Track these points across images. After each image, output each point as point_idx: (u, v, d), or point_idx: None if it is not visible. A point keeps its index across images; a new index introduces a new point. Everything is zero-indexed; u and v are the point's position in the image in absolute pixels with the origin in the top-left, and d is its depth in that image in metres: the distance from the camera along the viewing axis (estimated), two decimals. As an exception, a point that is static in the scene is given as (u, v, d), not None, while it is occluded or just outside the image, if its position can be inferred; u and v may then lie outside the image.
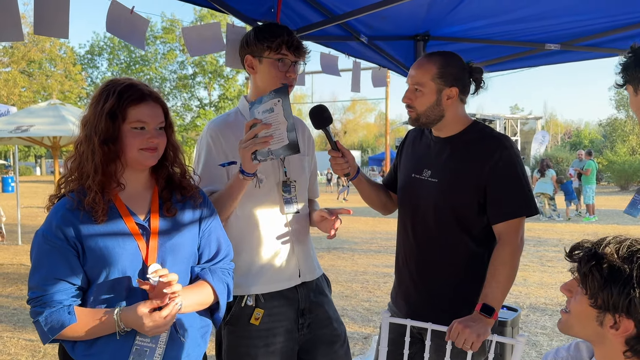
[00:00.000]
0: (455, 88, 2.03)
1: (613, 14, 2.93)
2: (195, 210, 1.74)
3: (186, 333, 1.65)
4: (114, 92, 1.56)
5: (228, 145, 2.03)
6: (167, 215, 1.66)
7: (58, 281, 1.52)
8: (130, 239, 1.58)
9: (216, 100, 40.15)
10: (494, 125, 22.55)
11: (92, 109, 1.58)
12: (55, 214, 1.57)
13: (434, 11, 2.99)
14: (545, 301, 6.11)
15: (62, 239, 1.53)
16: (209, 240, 1.76)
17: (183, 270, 1.68)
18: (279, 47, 2.01)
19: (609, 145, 35.20)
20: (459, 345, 1.86)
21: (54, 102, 9.58)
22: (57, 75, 37.15)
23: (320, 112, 2.06)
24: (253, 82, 2.11)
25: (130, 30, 2.27)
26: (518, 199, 1.99)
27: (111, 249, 1.55)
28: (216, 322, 1.79)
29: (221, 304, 1.74)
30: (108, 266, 1.54)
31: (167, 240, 1.64)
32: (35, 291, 1.53)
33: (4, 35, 1.79)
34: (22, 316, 5.53)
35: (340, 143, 2.10)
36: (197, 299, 1.66)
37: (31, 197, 21.54)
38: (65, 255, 1.53)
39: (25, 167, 45.68)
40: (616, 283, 1.14)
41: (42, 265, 1.53)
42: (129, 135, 1.58)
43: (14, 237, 10.35)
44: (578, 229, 12.14)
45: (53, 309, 1.51)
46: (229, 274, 1.79)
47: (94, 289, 1.56)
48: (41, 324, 1.50)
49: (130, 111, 1.57)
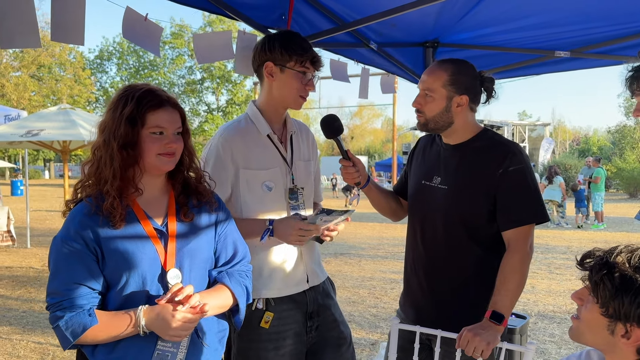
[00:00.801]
0: (465, 96, 2.04)
1: (623, 21, 2.93)
2: (211, 215, 1.75)
3: (205, 337, 1.66)
4: (133, 98, 1.58)
5: (237, 153, 2.04)
6: (184, 220, 1.67)
7: (78, 286, 1.52)
8: (149, 243, 1.59)
9: (224, 105, 40.34)
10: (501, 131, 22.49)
11: (110, 114, 1.59)
12: (73, 219, 1.57)
13: (444, 19, 3.00)
14: (553, 309, 6.08)
15: (81, 243, 1.53)
16: (225, 244, 1.77)
17: (200, 275, 1.69)
18: (305, 62, 2.05)
19: (617, 152, 35.01)
20: (469, 353, 1.86)
21: (64, 107, 9.66)
22: (66, 79, 37.50)
23: (331, 121, 2.08)
24: (267, 88, 2.11)
25: (145, 36, 2.30)
26: (528, 206, 1.99)
27: (131, 253, 1.56)
28: (237, 324, 1.79)
29: (241, 307, 1.74)
30: (128, 270, 1.55)
31: (185, 244, 1.65)
32: (54, 297, 1.53)
33: (22, 41, 1.82)
34: (31, 319, 5.57)
35: (350, 152, 2.12)
36: (216, 303, 1.66)
37: (40, 201, 21.69)
38: (85, 260, 1.53)
39: (34, 171, 45.98)
40: (628, 292, 1.14)
41: (61, 270, 1.53)
42: (147, 141, 1.59)
43: (23, 240, 10.42)
44: (586, 237, 12.07)
45: (73, 312, 1.50)
46: (247, 276, 1.80)
47: (113, 294, 1.57)
48: (62, 329, 1.50)
49: (149, 117, 1.58)
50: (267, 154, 2.09)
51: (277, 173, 2.09)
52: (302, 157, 2.21)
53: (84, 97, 38.74)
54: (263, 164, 2.07)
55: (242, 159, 2.04)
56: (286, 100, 2.10)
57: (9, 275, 7.75)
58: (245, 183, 2.05)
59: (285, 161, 2.13)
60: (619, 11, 2.82)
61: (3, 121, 9.57)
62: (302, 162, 2.20)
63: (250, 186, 2.05)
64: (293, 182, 2.13)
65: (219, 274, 1.73)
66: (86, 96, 39.12)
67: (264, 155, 2.09)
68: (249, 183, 2.05)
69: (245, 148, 2.06)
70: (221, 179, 2.02)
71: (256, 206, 2.06)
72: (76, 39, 1.95)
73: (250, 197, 2.06)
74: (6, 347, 4.74)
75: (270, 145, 2.11)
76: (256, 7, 2.67)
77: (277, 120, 2.16)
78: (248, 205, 2.06)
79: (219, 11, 2.58)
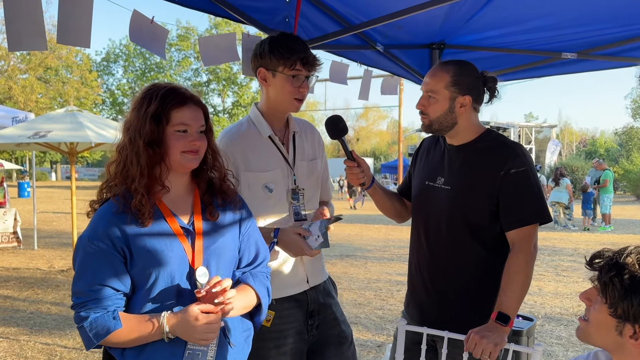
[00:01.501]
0: (468, 96, 2.04)
1: (630, 23, 2.92)
2: (235, 214, 1.75)
3: (232, 337, 1.66)
4: (157, 96, 1.59)
5: (238, 157, 2.06)
6: (209, 219, 1.68)
7: (103, 287, 1.52)
8: (177, 242, 1.59)
9: (230, 107, 40.44)
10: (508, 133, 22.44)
11: (134, 113, 1.60)
12: (101, 218, 1.57)
13: (451, 21, 3.00)
14: (560, 311, 6.06)
15: (108, 243, 1.53)
16: (249, 244, 1.77)
17: (227, 274, 1.68)
18: (294, 64, 2.03)
19: (624, 154, 34.83)
20: (477, 355, 1.86)
21: (71, 109, 9.70)
22: (73, 81, 37.68)
23: (336, 122, 2.09)
24: (265, 93, 2.13)
25: (151, 39, 2.32)
26: (531, 207, 1.99)
27: (160, 251, 1.55)
28: (257, 325, 1.79)
29: (263, 307, 1.75)
30: (157, 268, 1.54)
31: (212, 243, 1.65)
32: (79, 296, 1.53)
33: (29, 44, 1.84)
34: (38, 320, 5.59)
35: (355, 153, 2.12)
36: (242, 303, 1.67)
37: (47, 202, 21.80)
38: (111, 260, 1.53)
39: (40, 173, 46.20)
40: (637, 293, 1.14)
41: (87, 270, 1.53)
42: (172, 138, 1.60)
43: (30, 242, 10.47)
44: (593, 239, 12.01)
45: (98, 314, 1.50)
46: (267, 277, 1.82)
47: (142, 293, 1.56)
48: (86, 330, 1.50)
49: (174, 114, 1.60)
50: (268, 156, 2.10)
51: (278, 174, 2.10)
52: (306, 156, 2.21)
53: (91, 99, 38.91)
54: (264, 165, 2.08)
55: (244, 161, 2.06)
56: (282, 104, 2.10)
57: (16, 277, 7.79)
58: (246, 185, 2.06)
59: (287, 162, 2.14)
60: (625, 13, 2.81)
61: (11, 123, 9.61)
62: (305, 162, 2.20)
63: (251, 188, 2.06)
64: (295, 183, 2.14)
65: (242, 274, 1.74)
66: (93, 98, 39.28)
67: (265, 157, 2.10)
68: (251, 185, 2.06)
69: (246, 151, 2.07)
70: None
71: (258, 208, 2.06)
72: (83, 41, 1.96)
73: (252, 199, 2.06)
74: (14, 348, 4.77)
75: (272, 146, 2.12)
76: (261, 9, 2.69)
77: (278, 121, 2.17)
78: (251, 207, 2.07)
79: (224, 14, 2.59)
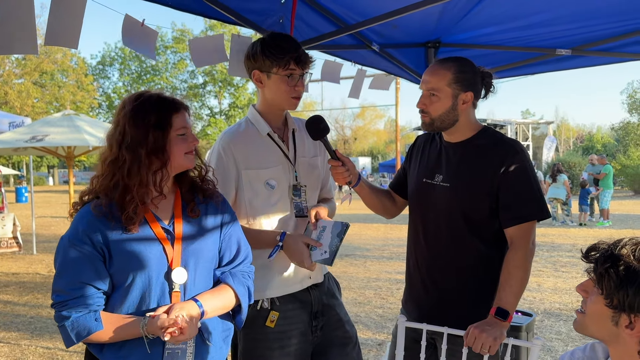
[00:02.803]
0: (470, 92, 2.05)
1: (623, 19, 2.94)
2: (216, 214, 1.78)
3: (211, 337, 1.69)
4: (153, 105, 1.63)
5: (239, 155, 2.07)
6: (191, 216, 1.71)
7: (84, 285, 1.55)
8: (156, 243, 1.63)
9: (226, 109, 40.42)
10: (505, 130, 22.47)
11: (132, 124, 1.60)
12: (81, 219, 1.61)
13: (445, 19, 3.02)
14: (559, 306, 6.08)
15: (89, 244, 1.57)
16: (230, 243, 1.80)
17: (205, 274, 1.73)
18: (287, 64, 2.03)
19: (621, 149, 34.92)
20: (476, 350, 1.87)
21: (68, 113, 9.71)
22: (69, 86, 37.60)
23: (316, 122, 2.08)
24: (261, 94, 2.15)
25: (142, 42, 2.32)
26: (529, 203, 2.01)
27: (138, 253, 1.59)
28: (238, 324, 1.82)
29: (243, 307, 1.78)
30: (136, 269, 1.59)
31: (190, 244, 1.68)
32: (60, 294, 1.56)
33: (20, 47, 1.82)
34: (39, 324, 5.60)
35: (339, 152, 2.12)
36: (220, 303, 1.71)
37: (45, 207, 21.75)
38: (92, 260, 1.57)
39: (38, 177, 46.08)
40: (632, 283, 1.16)
41: (68, 269, 1.57)
42: (175, 142, 1.65)
43: (29, 247, 10.46)
44: (592, 234, 12.05)
45: (79, 314, 1.54)
46: (250, 277, 1.83)
47: (120, 291, 1.60)
48: (67, 329, 1.54)
49: (175, 119, 1.65)
50: (268, 153, 2.11)
51: (279, 171, 2.11)
52: (306, 153, 2.22)
53: (87, 103, 38.85)
54: (265, 162, 2.09)
55: (244, 160, 2.07)
56: (279, 103, 2.12)
57: (16, 282, 7.79)
58: (248, 184, 2.07)
59: (288, 159, 2.15)
60: (619, 8, 2.83)
61: (7, 128, 9.60)
62: (306, 158, 2.21)
63: (253, 186, 2.08)
64: (296, 179, 2.15)
65: (222, 274, 1.77)
66: (89, 102, 39.22)
67: (265, 154, 2.11)
68: (252, 183, 2.07)
69: (246, 149, 2.08)
70: (225, 182, 2.04)
71: (260, 205, 2.08)
72: (71, 42, 1.95)
73: (254, 197, 2.08)
74: (15, 352, 4.77)
75: (272, 144, 2.13)
76: (255, 10, 2.69)
77: (276, 120, 2.18)
78: (253, 205, 2.09)
79: (219, 16, 2.60)
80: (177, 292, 1.64)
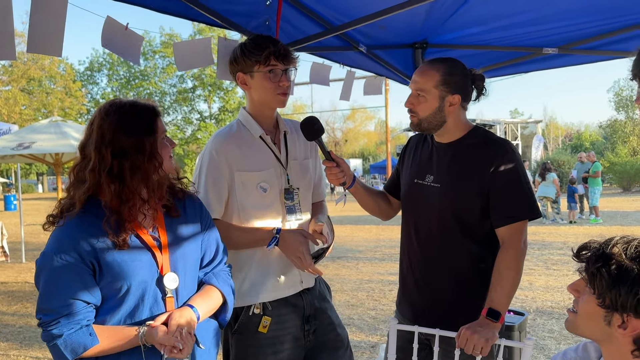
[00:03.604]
0: (458, 95, 2.05)
1: (609, 16, 2.95)
2: (195, 213, 1.78)
3: (203, 340, 1.69)
4: (138, 112, 1.61)
5: (231, 157, 2.05)
6: (173, 216, 1.70)
7: (74, 301, 1.51)
8: (145, 251, 1.61)
9: (216, 113, 40.29)
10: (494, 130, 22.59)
11: (122, 133, 1.56)
12: (66, 233, 1.55)
13: (432, 19, 3.01)
14: (551, 305, 6.10)
15: (77, 257, 1.52)
16: (209, 243, 1.80)
17: (193, 277, 1.73)
18: (267, 59, 2.02)
19: (609, 146, 35.21)
20: (468, 351, 1.86)
21: (55, 119, 9.64)
22: (57, 92, 37.35)
23: (311, 124, 2.08)
24: (248, 96, 2.14)
25: (125, 45, 2.29)
26: (520, 203, 2.00)
27: (129, 262, 1.56)
28: (222, 323, 1.82)
29: (229, 306, 1.79)
30: (129, 280, 1.55)
31: (177, 248, 1.67)
32: (48, 314, 1.50)
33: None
34: (28, 334, 5.53)
35: (334, 153, 2.12)
36: (211, 306, 1.73)
37: (34, 215, 21.55)
38: (80, 273, 1.52)
39: (27, 185, 45.73)
40: (624, 283, 1.14)
41: (55, 285, 1.51)
42: (162, 146, 1.65)
43: (18, 255, 10.36)
44: (582, 232, 12.13)
45: (71, 330, 1.49)
46: (229, 275, 1.85)
47: (113, 303, 1.57)
48: (60, 347, 1.48)
49: (158, 124, 1.64)
50: (260, 156, 2.10)
51: (271, 174, 2.09)
52: (298, 156, 2.21)
53: (75, 110, 38.58)
54: (257, 165, 2.08)
55: (236, 161, 2.05)
56: (267, 102, 2.10)
57: (4, 291, 7.70)
58: (240, 185, 2.05)
59: (280, 162, 2.13)
60: (604, 6, 2.84)
61: (-6, 136, 9.52)
62: (298, 161, 2.20)
63: (245, 188, 2.06)
64: (288, 182, 2.14)
65: (205, 275, 1.77)
66: (77, 108, 38.95)
67: (257, 156, 2.09)
68: (245, 185, 2.06)
69: (238, 151, 2.06)
70: (217, 183, 2.03)
71: (253, 208, 2.07)
72: (54, 50, 1.92)
73: (246, 199, 2.06)
74: (4, 363, 4.71)
75: (264, 146, 2.12)
76: (241, 13, 2.67)
77: (268, 121, 2.16)
78: (245, 207, 2.07)
79: (205, 19, 2.58)
80: (171, 297, 1.62)
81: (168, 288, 1.61)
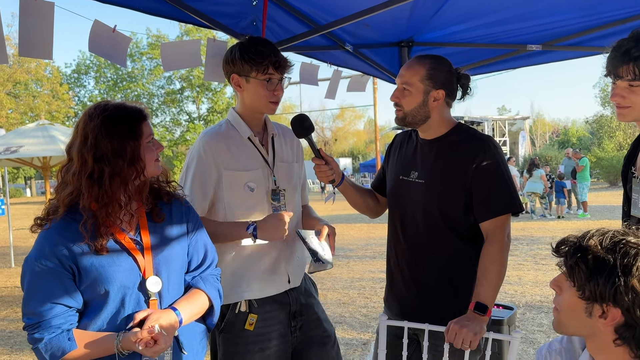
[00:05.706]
0: (442, 90, 2.07)
1: (591, 13, 2.99)
2: (182, 217, 1.77)
3: (187, 345, 1.69)
4: (122, 115, 1.60)
5: (219, 155, 2.06)
6: (156, 222, 1.69)
7: (55, 305, 1.52)
8: (124, 255, 1.60)
9: (205, 114, 40.12)
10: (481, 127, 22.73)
11: (105, 137, 1.56)
12: (46, 238, 1.56)
13: (416, 16, 3.04)
14: (540, 299, 6.16)
15: (56, 262, 1.53)
16: (197, 247, 1.80)
17: (178, 280, 1.72)
18: (266, 68, 2.04)
19: (596, 142, 35.49)
20: (457, 345, 1.89)
21: (42, 123, 9.56)
22: (44, 95, 36.99)
23: (301, 121, 2.11)
24: (240, 98, 2.15)
25: (112, 48, 2.29)
26: (503, 197, 2.03)
27: (107, 267, 1.56)
28: (209, 327, 1.82)
29: (215, 309, 1.79)
30: (108, 284, 1.56)
31: (160, 252, 1.67)
32: (31, 317, 1.53)
33: None
34: (18, 339, 5.49)
35: (323, 151, 2.14)
36: (196, 310, 1.71)
37: (22, 219, 21.33)
38: (60, 278, 1.54)
39: (15, 189, 45.26)
40: (602, 273, 1.17)
41: (36, 290, 1.53)
42: (146, 150, 1.64)
43: (7, 260, 10.27)
44: (570, 226, 12.23)
45: (52, 334, 1.51)
46: (218, 279, 1.84)
47: (94, 307, 1.58)
48: (41, 351, 1.52)
49: (144, 128, 1.63)
50: (248, 156, 2.12)
51: (259, 174, 2.11)
52: (285, 159, 2.23)
53: (63, 113, 38.23)
54: (245, 165, 2.10)
55: (224, 161, 2.06)
56: (259, 107, 2.12)
57: (-7, 296, 7.64)
58: (228, 185, 2.07)
59: (267, 163, 2.15)
60: (586, 3, 2.88)
61: (-20, 140, 9.43)
62: (285, 163, 2.22)
63: (232, 187, 2.07)
64: (275, 184, 2.15)
65: (192, 279, 1.76)
66: (65, 111, 38.60)
67: (245, 157, 2.11)
68: (232, 184, 2.07)
69: (226, 150, 2.08)
70: (204, 181, 2.04)
71: (239, 207, 2.08)
72: (45, 53, 1.94)
73: (233, 198, 2.08)
74: (-6, 368, 4.68)
75: (252, 147, 2.13)
76: (228, 14, 2.68)
77: (256, 123, 2.18)
78: (231, 207, 2.08)
79: (191, 20, 2.58)
80: (155, 300, 1.63)
81: (151, 291, 1.61)
